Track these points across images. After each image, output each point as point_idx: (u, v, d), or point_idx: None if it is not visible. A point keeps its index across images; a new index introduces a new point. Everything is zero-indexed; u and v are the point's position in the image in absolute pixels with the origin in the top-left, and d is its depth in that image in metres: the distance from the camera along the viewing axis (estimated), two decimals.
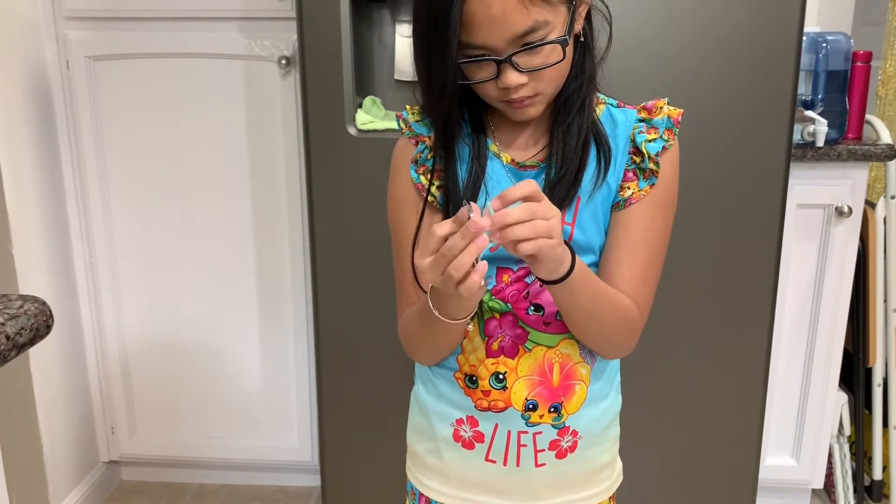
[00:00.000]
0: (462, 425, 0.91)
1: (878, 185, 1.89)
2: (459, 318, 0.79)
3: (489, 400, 0.88)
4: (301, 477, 2.03)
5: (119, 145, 1.81)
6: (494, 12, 0.74)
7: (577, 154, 0.83)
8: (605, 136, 0.85)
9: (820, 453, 1.79)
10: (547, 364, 0.87)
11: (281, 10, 1.67)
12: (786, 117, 1.39)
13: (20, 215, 1.66)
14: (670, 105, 0.86)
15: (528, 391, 0.87)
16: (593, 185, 0.84)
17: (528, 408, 0.87)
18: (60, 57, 1.76)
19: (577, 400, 0.89)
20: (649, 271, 0.86)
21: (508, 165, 0.86)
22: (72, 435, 1.88)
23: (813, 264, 1.70)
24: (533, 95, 0.80)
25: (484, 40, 0.76)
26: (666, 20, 1.37)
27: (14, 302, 0.62)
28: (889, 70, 1.87)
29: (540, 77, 0.79)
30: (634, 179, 0.85)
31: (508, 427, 0.88)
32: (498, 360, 0.87)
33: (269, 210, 1.82)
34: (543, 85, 0.80)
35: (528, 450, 0.89)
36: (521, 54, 0.76)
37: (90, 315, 1.91)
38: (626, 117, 0.86)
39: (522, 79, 0.78)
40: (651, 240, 0.86)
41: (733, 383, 1.53)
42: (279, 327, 1.89)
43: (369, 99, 1.55)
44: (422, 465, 0.98)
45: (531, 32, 0.75)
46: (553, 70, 0.79)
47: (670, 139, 0.85)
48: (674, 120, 0.85)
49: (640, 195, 0.84)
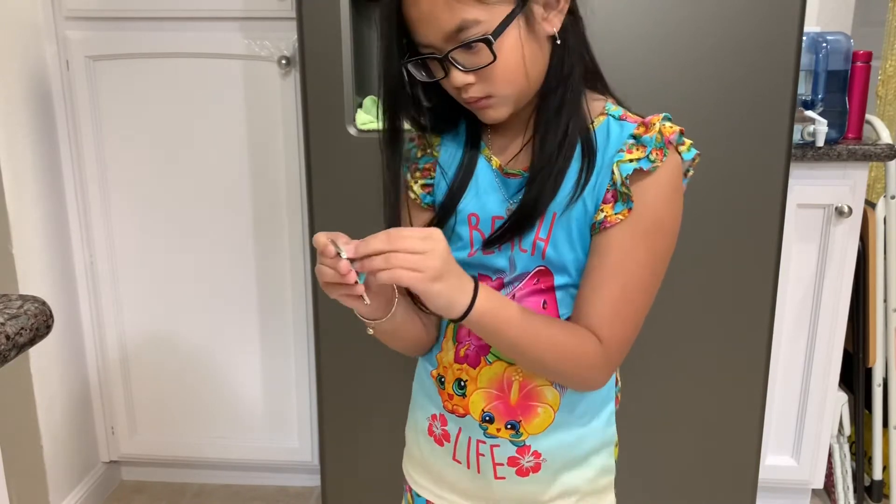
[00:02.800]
0: (434, 421, 0.92)
1: (878, 185, 1.89)
2: (369, 320, 0.81)
3: (452, 403, 0.89)
4: (301, 477, 2.03)
5: (119, 145, 1.81)
6: (423, 10, 0.75)
7: (554, 161, 0.79)
8: (595, 149, 0.80)
9: (820, 453, 1.79)
10: (506, 380, 0.85)
11: (281, 10, 1.67)
12: (786, 117, 1.39)
13: (20, 215, 1.66)
14: (669, 122, 0.79)
15: (485, 403, 0.86)
16: (568, 200, 0.79)
17: (484, 419, 0.87)
18: (60, 57, 1.76)
19: (539, 422, 0.86)
20: (624, 306, 0.79)
21: (496, 170, 0.86)
22: (72, 435, 1.88)
23: (813, 264, 1.70)
24: (486, 97, 0.79)
25: (423, 39, 0.77)
26: (665, 20, 1.37)
27: (14, 302, 0.62)
28: (889, 70, 1.87)
29: (486, 77, 0.77)
30: (612, 202, 0.78)
31: (469, 433, 0.89)
32: (462, 367, 0.87)
33: (269, 210, 1.82)
34: (493, 86, 0.78)
35: (486, 459, 0.88)
36: (458, 53, 0.76)
37: (90, 315, 1.91)
38: (621, 131, 0.80)
39: (468, 78, 0.77)
40: (629, 271, 0.79)
41: (733, 383, 1.53)
42: (279, 327, 1.89)
43: (369, 99, 1.55)
44: (408, 455, 1.00)
45: (462, 31, 0.74)
46: (499, 70, 0.76)
47: (657, 160, 0.77)
48: (666, 138, 0.78)
49: (616, 219, 0.78)
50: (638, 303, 0.81)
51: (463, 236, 0.86)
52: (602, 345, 0.80)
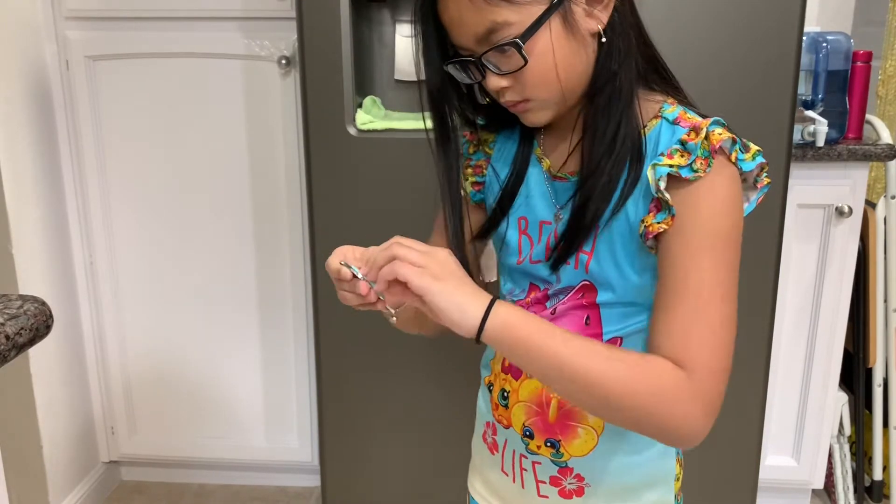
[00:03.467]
0: (488, 428, 0.90)
1: (878, 185, 1.89)
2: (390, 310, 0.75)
3: (498, 413, 0.87)
4: (301, 477, 2.03)
5: (119, 145, 1.81)
6: (452, 14, 0.73)
7: (602, 169, 0.74)
8: (644, 156, 0.74)
9: (820, 453, 1.79)
10: (545, 396, 0.82)
11: (281, 10, 1.67)
12: (786, 117, 1.39)
13: (20, 215, 1.66)
14: (720, 127, 0.72)
15: (526, 417, 0.83)
16: (610, 212, 0.74)
17: (525, 433, 0.84)
18: (60, 57, 1.76)
19: (581, 444, 0.81)
20: (699, 327, 0.71)
21: (546, 172, 0.82)
22: (72, 435, 1.88)
23: (813, 264, 1.70)
24: (524, 101, 0.76)
25: (457, 42, 0.75)
26: (665, 20, 1.36)
27: (14, 302, 0.61)
28: (889, 70, 1.87)
29: (521, 81, 0.74)
30: (654, 211, 0.72)
31: (514, 446, 0.86)
32: (506, 378, 0.85)
33: (269, 210, 1.82)
34: (528, 90, 0.74)
35: (529, 475, 0.85)
36: (492, 55, 0.73)
37: (90, 315, 1.91)
38: (671, 137, 0.73)
39: (502, 82, 0.74)
40: (694, 289, 0.71)
41: (733, 383, 1.51)
42: (279, 327, 1.89)
43: (369, 99, 1.55)
44: (471, 462, 0.98)
45: (492, 33, 0.71)
46: (531, 74, 0.72)
47: (701, 170, 0.70)
48: (713, 146, 0.70)
49: (658, 228, 0.72)
50: (713, 320, 0.71)
51: (512, 242, 0.84)
52: (685, 371, 0.70)
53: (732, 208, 0.73)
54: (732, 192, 0.73)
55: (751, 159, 0.74)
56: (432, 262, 0.69)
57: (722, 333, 0.72)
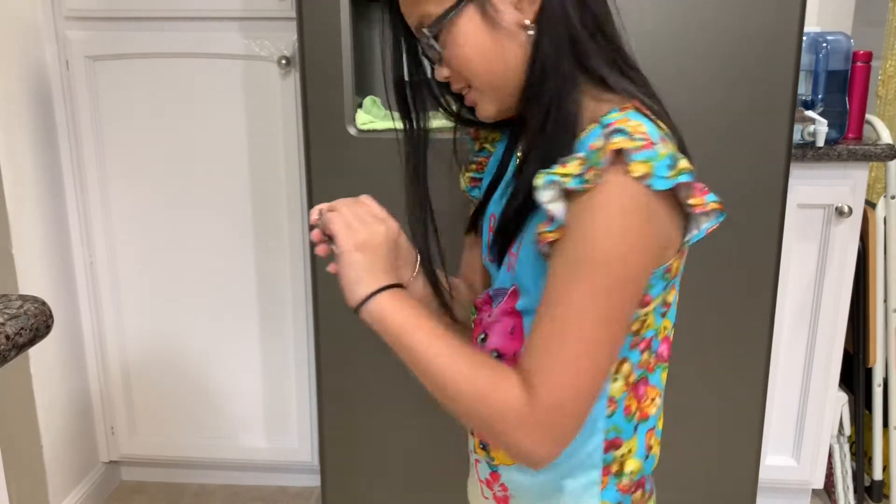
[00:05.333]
0: None
1: (878, 185, 1.89)
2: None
3: None
4: (301, 477, 2.03)
5: (119, 145, 1.81)
6: (402, 10, 0.77)
7: (528, 168, 0.70)
8: None
9: (820, 453, 1.79)
10: None
11: (281, 10, 1.67)
12: (786, 117, 1.39)
13: (20, 215, 1.66)
14: (621, 136, 0.63)
15: None
16: (532, 214, 0.71)
17: (472, 431, 0.84)
18: (60, 57, 1.76)
19: (504, 453, 0.79)
20: (551, 351, 0.64)
21: (516, 170, 0.81)
22: (72, 435, 1.88)
23: (813, 264, 1.70)
24: (467, 87, 0.77)
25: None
26: (665, 20, 1.36)
27: (14, 302, 0.61)
28: (889, 70, 1.87)
29: (454, 69, 0.75)
30: (550, 219, 0.67)
31: (470, 443, 0.86)
32: None
33: (269, 210, 1.82)
34: (462, 80, 0.76)
35: (474, 473, 0.86)
36: (424, 46, 0.76)
37: (90, 315, 1.91)
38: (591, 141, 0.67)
39: (444, 71, 0.77)
40: (562, 305, 0.65)
41: (733, 383, 1.53)
42: (279, 327, 1.89)
43: (369, 99, 1.55)
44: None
45: (422, 25, 0.75)
46: (456, 63, 0.74)
47: (589, 180, 0.63)
48: (606, 157, 0.63)
49: (546, 237, 0.67)
50: (571, 353, 0.64)
51: (483, 238, 0.85)
52: (529, 396, 0.64)
53: (625, 232, 0.64)
54: (626, 213, 0.64)
55: (673, 177, 0.64)
56: (365, 230, 0.73)
57: (579, 365, 0.64)
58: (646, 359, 0.76)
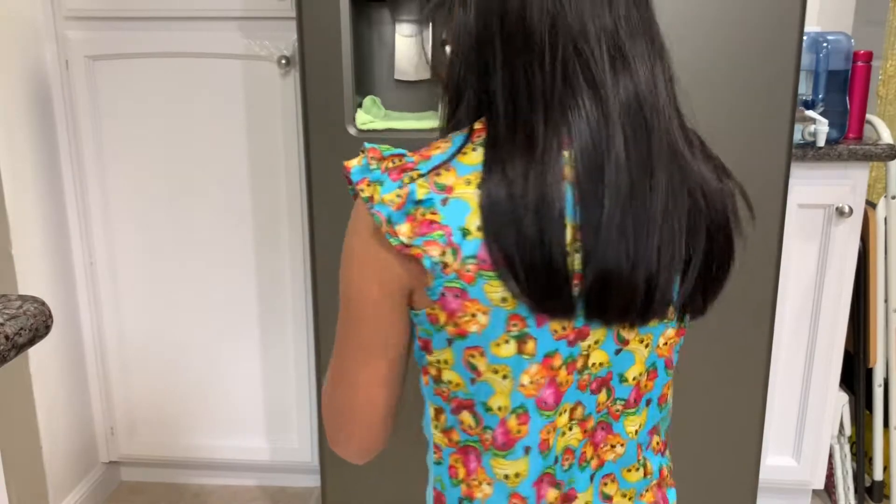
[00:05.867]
0: None
1: (878, 185, 1.89)
2: None
3: None
4: (301, 477, 2.03)
5: (119, 145, 1.81)
6: None
7: None
8: None
9: (820, 454, 1.79)
10: None
11: (281, 9, 1.67)
12: (786, 117, 1.39)
13: (20, 216, 1.66)
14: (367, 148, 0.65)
15: None
16: None
17: None
18: (60, 57, 1.75)
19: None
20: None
21: None
22: (71, 435, 1.87)
23: (813, 264, 1.70)
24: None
25: None
26: (665, 20, 1.36)
27: (13, 302, 0.61)
28: (890, 70, 1.87)
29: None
30: None
31: None
32: None
33: (269, 210, 1.82)
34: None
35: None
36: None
37: (90, 315, 1.91)
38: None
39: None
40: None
41: (733, 383, 1.53)
42: (279, 327, 1.89)
43: (369, 99, 1.55)
44: None
45: None
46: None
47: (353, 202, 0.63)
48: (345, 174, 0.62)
49: None
50: (330, 372, 0.70)
51: None
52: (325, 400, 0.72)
53: (348, 257, 0.63)
54: (350, 237, 0.63)
55: (383, 201, 0.60)
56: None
57: (333, 384, 0.70)
58: (469, 424, 0.67)
